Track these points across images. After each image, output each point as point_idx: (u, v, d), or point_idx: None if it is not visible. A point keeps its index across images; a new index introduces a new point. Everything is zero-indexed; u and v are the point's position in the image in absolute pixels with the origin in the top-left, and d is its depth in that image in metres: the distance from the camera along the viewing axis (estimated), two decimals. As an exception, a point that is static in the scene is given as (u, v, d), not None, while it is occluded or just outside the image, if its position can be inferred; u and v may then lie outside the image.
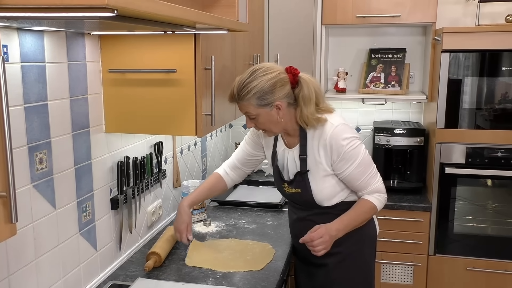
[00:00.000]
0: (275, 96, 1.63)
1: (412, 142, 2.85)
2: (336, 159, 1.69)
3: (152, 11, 0.97)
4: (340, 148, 1.67)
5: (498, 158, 2.61)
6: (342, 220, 1.73)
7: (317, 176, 1.74)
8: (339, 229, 1.71)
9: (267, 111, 1.65)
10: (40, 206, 1.40)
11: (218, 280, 1.73)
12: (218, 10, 1.84)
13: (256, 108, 1.65)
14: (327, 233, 1.67)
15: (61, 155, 1.49)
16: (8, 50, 1.24)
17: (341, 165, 1.69)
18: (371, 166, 1.75)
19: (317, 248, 1.66)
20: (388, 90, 2.98)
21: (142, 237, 2.06)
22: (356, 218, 1.75)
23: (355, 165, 1.69)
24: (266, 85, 1.62)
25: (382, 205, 1.79)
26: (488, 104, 2.61)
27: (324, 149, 1.70)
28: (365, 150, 1.73)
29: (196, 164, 2.68)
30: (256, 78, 1.63)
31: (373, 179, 1.75)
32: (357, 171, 1.70)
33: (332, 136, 1.67)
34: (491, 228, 2.77)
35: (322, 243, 1.66)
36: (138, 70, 1.66)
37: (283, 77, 1.65)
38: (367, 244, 1.88)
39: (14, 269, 1.31)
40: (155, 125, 1.69)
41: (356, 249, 1.83)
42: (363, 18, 2.82)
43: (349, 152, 1.67)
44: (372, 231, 1.90)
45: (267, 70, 1.65)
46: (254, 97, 1.62)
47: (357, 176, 1.71)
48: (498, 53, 2.55)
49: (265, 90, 1.62)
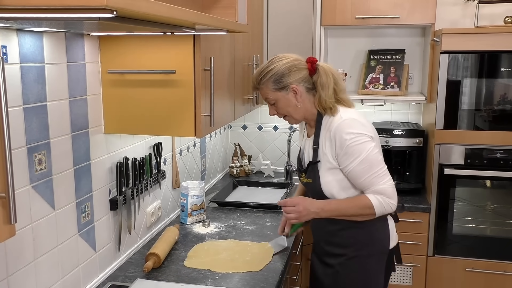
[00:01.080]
0: (290, 79, 1.72)
1: (411, 143, 2.85)
2: (340, 153, 1.68)
3: (152, 12, 0.97)
4: (343, 142, 1.67)
5: (497, 159, 2.61)
6: (330, 202, 1.74)
7: (325, 168, 1.74)
8: (323, 208, 1.72)
9: (283, 94, 1.74)
10: (39, 207, 1.40)
11: (217, 281, 1.73)
12: (217, 11, 1.84)
13: (273, 92, 1.74)
14: (303, 204, 1.72)
15: (60, 156, 1.49)
16: (7, 51, 1.24)
17: (343, 159, 1.69)
18: (379, 166, 1.70)
19: (288, 215, 1.75)
20: (387, 91, 2.98)
21: (141, 238, 2.06)
22: (345, 208, 1.71)
23: (357, 161, 1.66)
24: (281, 68, 1.72)
25: (384, 210, 1.70)
26: (487, 105, 2.61)
27: (329, 141, 1.71)
28: (373, 148, 1.69)
29: (195, 165, 2.68)
30: (272, 63, 1.74)
31: (379, 179, 1.69)
32: (360, 168, 1.67)
33: (337, 129, 1.68)
34: (490, 229, 2.77)
35: (294, 212, 1.73)
36: (137, 71, 1.66)
37: (299, 63, 1.74)
38: (375, 254, 1.79)
39: (13, 270, 1.31)
40: (155, 126, 1.69)
41: (359, 255, 1.77)
42: (362, 19, 2.82)
43: (352, 147, 1.66)
44: (384, 242, 1.80)
45: (283, 57, 1.75)
46: (270, 80, 1.73)
47: (360, 174, 1.68)
48: (497, 54, 2.55)
49: (280, 74, 1.72)
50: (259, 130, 3.38)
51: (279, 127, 3.34)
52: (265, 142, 3.38)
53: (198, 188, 2.31)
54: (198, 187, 2.31)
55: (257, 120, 3.37)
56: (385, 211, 1.71)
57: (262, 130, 3.37)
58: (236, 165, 3.16)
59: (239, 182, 3.01)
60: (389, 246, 1.82)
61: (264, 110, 3.33)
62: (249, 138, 3.40)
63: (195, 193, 2.30)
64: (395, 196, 1.72)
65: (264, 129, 3.37)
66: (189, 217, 2.29)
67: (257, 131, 3.39)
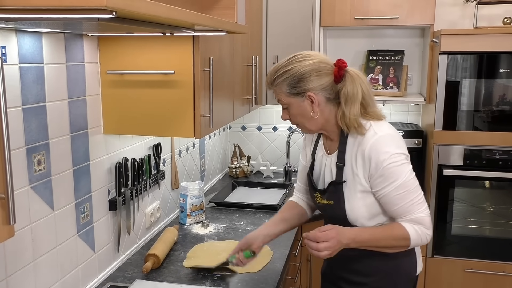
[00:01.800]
0: (308, 85, 1.46)
1: (410, 144, 2.86)
2: (374, 174, 1.45)
3: (151, 12, 0.97)
4: (379, 162, 1.43)
5: (496, 159, 2.61)
6: (363, 231, 1.48)
7: (353, 190, 1.50)
8: (354, 240, 1.45)
9: (298, 101, 1.49)
10: (38, 207, 1.40)
11: (216, 281, 1.73)
12: (216, 12, 1.84)
13: (287, 97, 1.50)
14: (336, 238, 1.42)
15: (59, 156, 1.49)
16: (6, 52, 1.24)
17: (378, 182, 1.45)
18: (416, 193, 1.47)
19: (321, 253, 1.41)
20: (386, 91, 2.99)
21: (140, 239, 2.06)
22: (379, 239, 1.47)
23: (394, 186, 1.44)
24: (300, 71, 1.46)
25: (420, 241, 1.47)
26: (486, 106, 2.61)
27: (362, 159, 1.47)
28: (411, 172, 1.48)
29: (194, 165, 2.68)
30: (291, 63, 1.49)
31: (416, 207, 1.46)
32: (396, 193, 1.44)
33: (372, 146, 1.44)
34: (489, 230, 2.77)
35: (327, 248, 1.41)
36: (136, 72, 1.66)
37: (323, 67, 1.47)
38: (402, 283, 1.59)
39: (12, 270, 1.31)
40: (154, 126, 1.69)
41: (383, 285, 1.57)
42: (362, 20, 2.83)
43: (390, 168, 1.43)
44: (411, 269, 1.60)
45: (306, 57, 1.49)
46: (285, 83, 1.48)
47: (395, 200, 1.45)
48: (495, 55, 2.55)
49: (297, 77, 1.46)
50: (258, 130, 3.38)
51: (278, 128, 3.34)
52: (264, 143, 3.38)
53: (197, 188, 2.31)
54: (197, 187, 2.31)
55: (256, 120, 3.37)
56: (421, 243, 1.49)
57: (261, 131, 3.38)
58: (235, 165, 3.16)
59: (238, 183, 3.02)
60: (416, 273, 1.63)
61: (263, 111, 3.33)
62: (248, 138, 3.40)
63: (194, 193, 2.30)
64: (431, 226, 1.49)
65: (263, 129, 3.37)
66: (188, 217, 2.29)
67: (256, 132, 3.39)
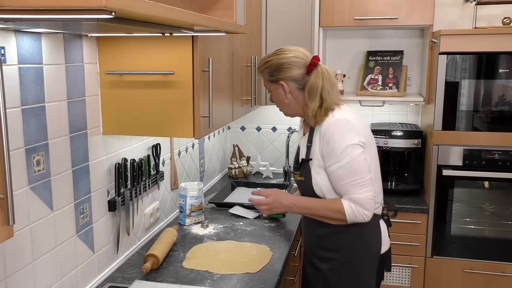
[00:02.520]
0: (280, 75, 1.74)
1: (409, 144, 2.86)
2: (325, 151, 1.68)
3: (150, 13, 0.97)
4: (330, 141, 1.65)
5: (495, 160, 2.61)
6: (305, 199, 1.77)
7: (316, 166, 1.73)
8: (295, 204, 1.77)
9: (275, 87, 1.78)
10: (38, 208, 1.40)
11: (216, 282, 1.72)
12: (216, 12, 1.84)
13: (267, 82, 1.81)
14: (276, 197, 1.80)
15: (59, 157, 1.48)
16: (5, 52, 1.24)
17: (327, 159, 1.68)
18: (360, 175, 1.64)
19: (260, 206, 1.83)
20: (385, 92, 2.99)
21: (139, 239, 2.06)
22: (317, 208, 1.72)
23: (338, 165, 1.64)
24: (277, 63, 1.74)
25: (355, 218, 1.66)
26: (485, 106, 2.62)
27: (319, 138, 1.70)
28: (359, 155, 1.63)
29: (193, 166, 2.68)
30: (274, 55, 1.77)
31: (356, 188, 1.64)
32: (340, 172, 1.64)
33: (328, 127, 1.67)
34: (489, 230, 2.77)
35: (266, 203, 1.81)
36: (136, 72, 1.66)
37: (296, 61, 1.73)
38: (367, 260, 1.76)
39: (11, 271, 1.31)
40: (153, 127, 1.69)
41: (351, 260, 1.75)
42: (361, 20, 2.83)
43: (336, 149, 1.63)
44: (375, 248, 1.77)
45: (286, 51, 1.76)
46: (266, 70, 1.78)
47: (339, 178, 1.65)
48: (495, 56, 2.56)
49: (274, 67, 1.75)
50: (258, 131, 3.38)
51: (277, 128, 3.34)
52: (264, 143, 3.38)
53: (197, 189, 2.31)
54: (197, 188, 2.31)
55: (256, 121, 3.37)
56: (357, 220, 1.67)
57: (261, 131, 3.38)
58: (234, 166, 3.16)
59: (238, 183, 3.01)
60: (380, 251, 1.79)
61: (262, 111, 3.33)
62: (247, 139, 3.40)
63: (194, 194, 2.30)
64: (371, 207, 1.66)
65: (263, 130, 3.37)
66: (188, 218, 2.29)
67: (256, 132, 3.39)
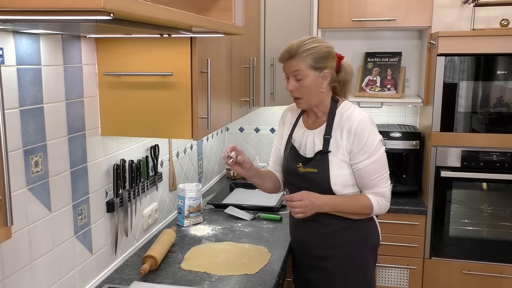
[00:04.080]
0: (327, 63, 1.73)
1: (407, 146, 2.86)
2: (356, 148, 1.70)
3: (149, 14, 0.97)
4: (363, 139, 1.69)
5: (493, 161, 2.62)
6: (334, 198, 1.73)
7: (335, 159, 1.73)
8: (326, 203, 1.71)
9: (316, 75, 1.72)
10: (36, 209, 1.40)
11: (214, 283, 1.72)
12: (214, 14, 1.84)
13: (308, 68, 1.70)
14: (309, 199, 1.68)
15: (57, 158, 1.48)
16: (3, 53, 1.24)
17: (358, 155, 1.70)
18: (385, 169, 1.75)
19: (295, 209, 1.68)
20: (384, 93, 2.99)
21: (138, 240, 2.05)
22: (347, 205, 1.74)
23: (371, 160, 1.70)
24: (324, 50, 1.72)
25: (380, 211, 1.77)
26: (483, 107, 2.62)
27: (348, 134, 1.71)
28: (384, 151, 1.75)
29: (192, 167, 2.68)
30: (315, 41, 1.73)
31: (383, 182, 1.74)
32: (372, 167, 1.71)
33: (359, 124, 1.70)
34: (487, 231, 2.78)
35: (301, 206, 1.67)
36: (134, 73, 1.66)
37: (334, 53, 1.79)
38: (369, 251, 1.85)
39: (9, 272, 1.31)
40: (151, 128, 1.69)
41: (357, 254, 1.81)
42: (359, 22, 2.83)
43: (370, 145, 1.69)
44: (375, 239, 1.87)
45: (324, 41, 1.77)
46: (311, 56, 1.70)
47: (370, 173, 1.72)
48: (493, 57, 2.56)
49: (321, 55, 1.71)
50: (256, 132, 3.38)
51: (276, 130, 3.34)
52: (262, 145, 3.38)
53: (195, 190, 2.31)
54: (195, 189, 2.31)
55: (254, 122, 3.37)
56: (381, 212, 1.78)
57: (259, 133, 3.38)
58: (233, 167, 3.16)
59: (236, 185, 3.01)
60: (379, 242, 1.89)
61: (261, 112, 3.33)
62: (246, 140, 3.40)
63: (192, 195, 2.30)
64: (390, 199, 1.78)
65: (261, 131, 3.37)
66: (186, 219, 2.29)
67: (254, 134, 3.39)
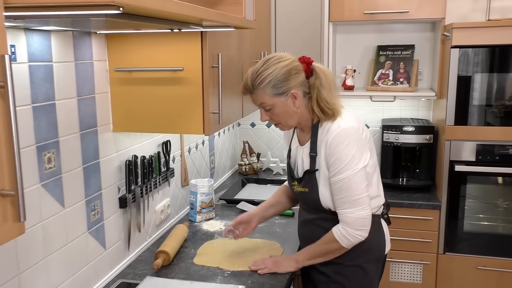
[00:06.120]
0: (290, 83, 1.59)
1: (421, 140, 2.83)
2: (329, 162, 1.60)
3: (158, 8, 0.97)
4: (334, 152, 1.57)
5: (508, 155, 2.57)
6: (302, 251, 1.75)
7: (323, 177, 1.65)
8: (305, 257, 1.72)
9: (282, 100, 1.60)
10: (49, 205, 1.41)
11: (227, 278, 1.72)
12: (224, 8, 1.83)
13: (271, 98, 1.60)
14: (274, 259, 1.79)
15: (69, 154, 1.49)
16: (15, 50, 1.24)
17: (330, 170, 1.60)
18: (354, 191, 1.57)
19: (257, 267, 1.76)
20: (396, 87, 2.96)
21: (150, 236, 2.06)
22: (315, 249, 1.69)
23: (338, 178, 1.58)
24: (281, 72, 1.58)
25: (350, 242, 1.60)
26: (498, 100, 2.58)
27: (325, 148, 1.61)
28: (359, 171, 1.57)
29: (204, 162, 2.68)
30: (269, 66, 1.59)
31: (346, 206, 1.58)
32: (337, 185, 1.59)
33: (335, 137, 1.57)
34: (502, 227, 2.74)
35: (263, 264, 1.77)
36: (145, 69, 1.66)
37: (297, 65, 1.61)
38: (372, 260, 1.74)
39: (24, 267, 1.32)
40: (163, 123, 1.69)
41: (358, 263, 1.71)
42: (371, 15, 2.80)
43: (342, 160, 1.56)
44: (380, 247, 1.75)
45: (280, 58, 1.61)
46: (269, 85, 1.58)
47: (335, 191, 1.60)
48: (508, 48, 2.51)
49: (279, 78, 1.57)
50: (268, 127, 3.37)
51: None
52: (274, 140, 3.37)
53: (207, 186, 2.31)
54: (207, 185, 2.31)
55: (266, 117, 3.36)
56: (354, 242, 1.61)
57: (271, 128, 3.36)
58: (245, 162, 3.16)
59: (248, 180, 3.01)
60: (385, 252, 1.77)
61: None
62: (257, 135, 3.39)
63: (204, 191, 2.30)
64: (363, 226, 1.59)
65: (273, 126, 3.35)
66: (198, 214, 2.29)
67: (266, 129, 3.38)
